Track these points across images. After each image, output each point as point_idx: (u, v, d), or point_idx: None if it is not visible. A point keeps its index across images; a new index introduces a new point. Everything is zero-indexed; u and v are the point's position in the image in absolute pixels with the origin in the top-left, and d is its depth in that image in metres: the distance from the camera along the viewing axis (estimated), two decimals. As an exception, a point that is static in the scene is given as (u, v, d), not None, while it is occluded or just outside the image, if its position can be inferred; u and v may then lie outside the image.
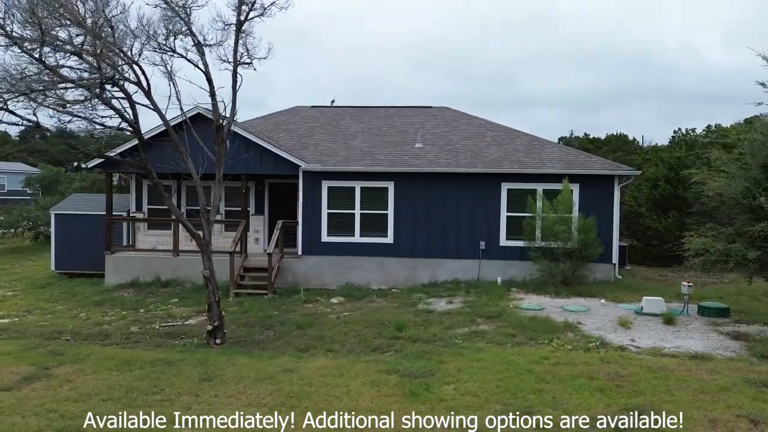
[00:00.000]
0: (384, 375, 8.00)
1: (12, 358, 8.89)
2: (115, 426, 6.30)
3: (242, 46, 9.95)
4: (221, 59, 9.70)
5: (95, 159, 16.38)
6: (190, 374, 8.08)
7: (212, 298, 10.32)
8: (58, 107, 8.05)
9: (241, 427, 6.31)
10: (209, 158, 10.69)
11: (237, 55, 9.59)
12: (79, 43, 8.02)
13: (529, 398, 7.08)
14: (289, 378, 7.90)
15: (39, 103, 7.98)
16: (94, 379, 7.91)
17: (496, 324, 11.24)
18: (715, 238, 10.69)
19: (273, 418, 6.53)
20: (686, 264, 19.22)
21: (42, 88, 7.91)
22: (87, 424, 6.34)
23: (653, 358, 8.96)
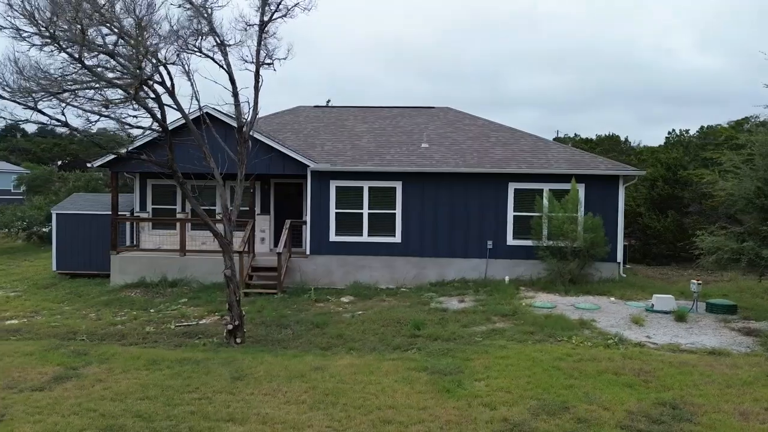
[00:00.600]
0: (414, 372, 8.10)
1: (36, 359, 8.84)
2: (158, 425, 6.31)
3: (263, 46, 9.97)
4: (244, 59, 9.73)
5: (102, 158, 16.31)
6: (221, 373, 8.11)
7: (233, 297, 10.33)
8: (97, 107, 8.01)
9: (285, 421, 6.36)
10: (223, 158, 10.71)
11: (260, 56, 9.61)
12: (112, 43, 8.00)
13: (562, 393, 7.22)
14: (321, 376, 7.96)
15: (67, 104, 7.95)
16: (125, 378, 7.90)
17: (512, 322, 11.40)
18: (727, 237, 10.93)
19: (314, 414, 6.61)
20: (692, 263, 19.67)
21: (74, 89, 7.88)
22: (129, 421, 6.35)
23: (672, 354, 9.17)
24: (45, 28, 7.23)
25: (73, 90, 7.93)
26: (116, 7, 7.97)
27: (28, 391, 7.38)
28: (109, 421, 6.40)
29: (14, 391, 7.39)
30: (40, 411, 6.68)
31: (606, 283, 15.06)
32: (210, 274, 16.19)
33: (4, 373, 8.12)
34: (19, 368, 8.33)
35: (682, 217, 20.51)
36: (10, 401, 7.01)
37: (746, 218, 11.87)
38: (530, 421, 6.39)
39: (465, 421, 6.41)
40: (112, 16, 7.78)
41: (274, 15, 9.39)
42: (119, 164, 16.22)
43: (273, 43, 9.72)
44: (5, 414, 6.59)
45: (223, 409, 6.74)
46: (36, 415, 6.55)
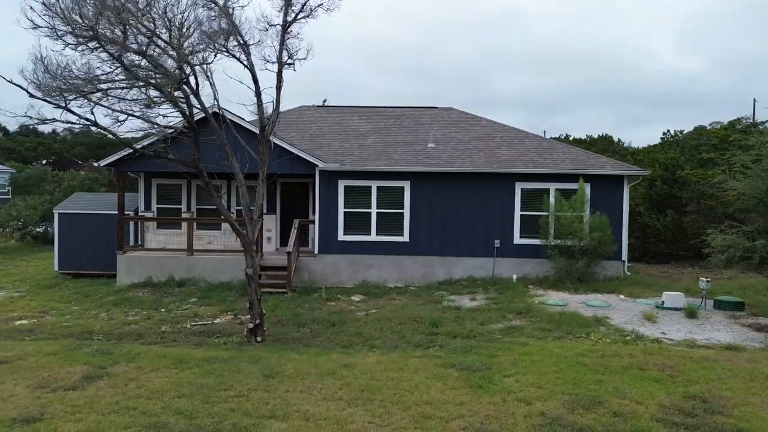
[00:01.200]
0: (442, 369, 8.21)
1: (61, 358, 8.80)
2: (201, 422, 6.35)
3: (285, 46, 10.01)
4: (266, 59, 9.75)
5: (109, 157, 16.21)
6: (251, 371, 8.15)
7: (254, 296, 10.36)
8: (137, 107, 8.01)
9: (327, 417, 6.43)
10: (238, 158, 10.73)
11: (282, 56, 9.65)
12: (144, 44, 7.99)
13: (592, 388, 7.37)
14: (351, 373, 8.03)
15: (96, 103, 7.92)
16: (156, 377, 7.91)
17: (528, 319, 11.56)
18: (738, 235, 11.18)
19: (354, 410, 6.68)
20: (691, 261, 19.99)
21: (108, 88, 7.87)
22: (171, 419, 6.38)
23: (690, 349, 9.38)
24: (90, 28, 7.21)
25: (105, 90, 7.91)
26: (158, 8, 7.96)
27: (61, 390, 7.36)
28: (151, 418, 6.42)
29: (47, 390, 7.37)
30: (78, 410, 6.68)
31: (612, 281, 15.29)
32: (217, 273, 16.19)
33: (33, 372, 8.09)
34: (46, 368, 8.30)
35: (680, 216, 20.84)
36: (45, 401, 7.00)
37: (753, 217, 12.14)
38: (567, 415, 6.53)
39: (503, 416, 6.53)
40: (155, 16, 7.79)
41: (298, 15, 9.44)
42: (126, 163, 16.14)
43: (293, 43, 9.76)
44: (44, 413, 6.58)
45: (262, 406, 6.79)
46: (75, 414, 6.55)
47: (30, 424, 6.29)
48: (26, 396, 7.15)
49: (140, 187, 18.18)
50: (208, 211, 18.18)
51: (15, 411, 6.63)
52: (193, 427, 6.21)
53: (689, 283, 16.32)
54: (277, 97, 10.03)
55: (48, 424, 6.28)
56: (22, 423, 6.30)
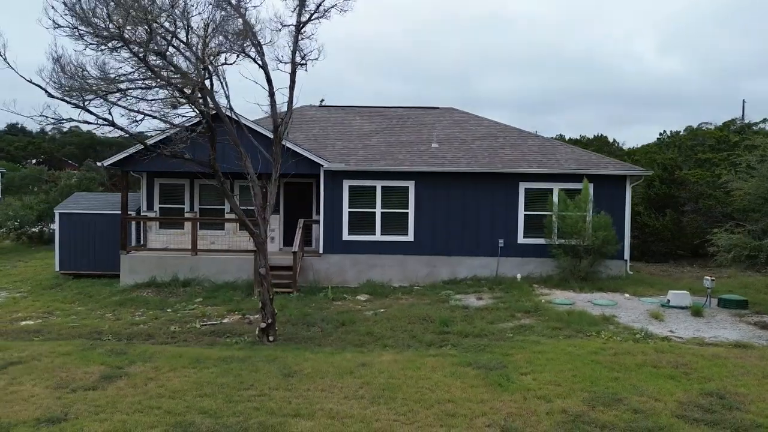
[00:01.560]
0: (459, 368, 8.27)
1: (76, 359, 8.77)
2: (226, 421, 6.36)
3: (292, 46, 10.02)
4: (279, 59, 9.77)
5: (114, 156, 16.15)
6: (269, 370, 8.17)
7: (266, 295, 10.38)
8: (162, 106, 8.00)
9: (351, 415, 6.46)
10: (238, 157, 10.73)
11: (295, 57, 9.68)
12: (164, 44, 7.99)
13: (610, 386, 7.46)
14: (370, 372, 8.07)
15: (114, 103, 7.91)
16: (175, 376, 7.91)
17: (536, 318, 11.66)
18: (745, 235, 11.34)
19: (377, 408, 6.73)
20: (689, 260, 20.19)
21: (127, 88, 7.87)
22: (197, 418, 6.39)
23: (700, 347, 9.51)
24: (118, 28, 7.21)
25: (125, 90, 7.90)
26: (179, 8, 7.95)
27: (81, 390, 7.34)
28: (177, 418, 6.43)
29: (67, 390, 7.35)
30: (101, 410, 6.67)
31: (615, 280, 15.45)
32: (222, 273, 16.18)
33: (50, 373, 8.06)
34: (62, 368, 8.27)
35: (679, 216, 21.07)
36: (67, 401, 6.98)
37: (756, 216, 12.32)
38: (589, 412, 6.61)
39: (526, 413, 6.60)
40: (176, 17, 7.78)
41: (313, 16, 9.47)
42: (130, 163, 16.09)
43: (306, 44, 9.78)
44: (68, 413, 6.57)
45: (285, 405, 6.82)
46: (99, 414, 6.54)
47: (55, 424, 6.28)
48: (47, 396, 7.13)
49: (143, 187, 18.12)
50: (211, 210, 18.15)
51: (38, 411, 6.62)
52: (219, 425, 6.22)
53: (690, 281, 16.52)
54: (290, 97, 10.06)
55: (73, 424, 6.27)
56: (47, 423, 6.29)
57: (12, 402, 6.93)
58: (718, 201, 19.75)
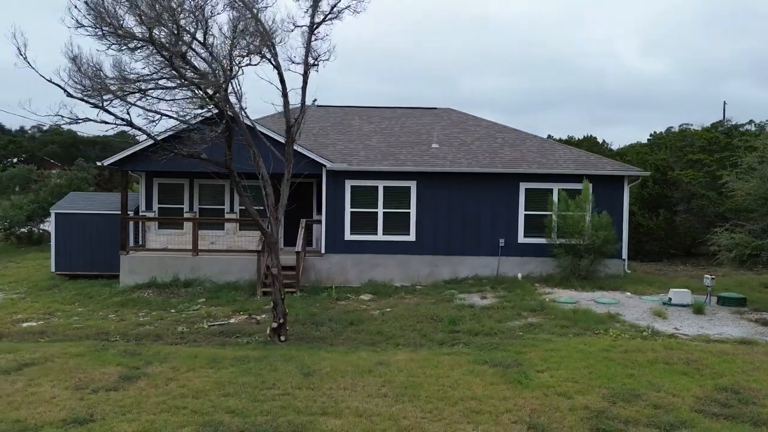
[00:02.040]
0: (476, 366, 8.37)
1: (90, 360, 8.72)
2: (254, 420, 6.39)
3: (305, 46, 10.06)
4: (291, 60, 9.79)
5: (113, 156, 16.02)
6: (288, 369, 8.19)
7: (278, 295, 10.39)
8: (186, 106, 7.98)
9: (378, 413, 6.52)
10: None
11: (308, 57, 9.71)
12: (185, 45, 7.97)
13: (627, 382, 7.62)
14: (389, 371, 8.14)
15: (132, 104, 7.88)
16: (195, 376, 7.90)
17: (543, 317, 11.82)
18: (746, 234, 11.60)
19: (403, 406, 6.80)
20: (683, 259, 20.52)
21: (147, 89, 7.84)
22: (225, 417, 6.41)
23: (706, 344, 9.72)
24: (149, 29, 7.18)
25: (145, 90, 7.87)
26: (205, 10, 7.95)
27: (102, 391, 7.31)
28: (205, 417, 6.44)
29: (88, 391, 7.31)
30: (127, 410, 6.66)
31: (614, 279, 15.68)
32: (223, 273, 16.12)
33: (67, 374, 8.00)
34: (78, 369, 8.21)
35: (672, 216, 21.43)
36: (90, 401, 6.95)
37: (754, 216, 12.60)
38: (611, 408, 6.75)
39: (549, 410, 6.72)
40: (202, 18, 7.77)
41: (328, 17, 9.50)
42: (130, 163, 15.97)
43: (318, 44, 9.82)
44: (93, 414, 6.55)
45: (311, 404, 6.86)
46: (126, 414, 6.53)
47: (83, 425, 6.25)
48: (69, 397, 7.09)
49: (141, 187, 17.98)
50: (210, 210, 18.08)
51: (63, 412, 6.58)
52: (248, 424, 6.25)
53: (685, 280, 16.83)
54: (302, 98, 10.09)
55: (102, 424, 6.25)
56: (75, 424, 6.26)
57: (34, 403, 6.88)
58: (710, 201, 20.14)
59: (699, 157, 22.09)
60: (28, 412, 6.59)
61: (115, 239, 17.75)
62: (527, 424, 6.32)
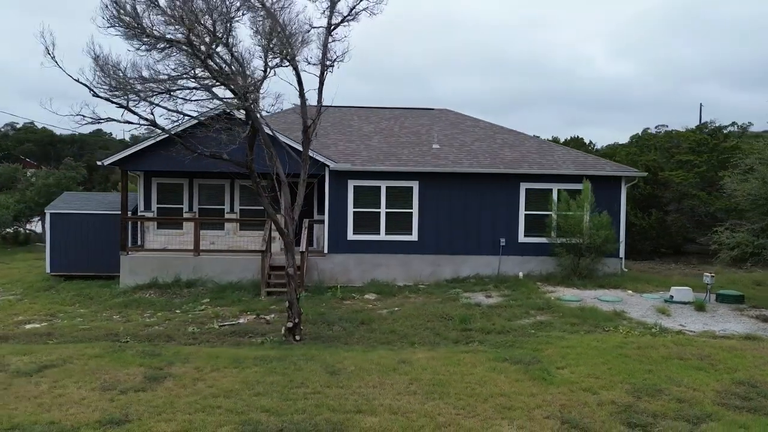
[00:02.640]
0: (497, 363, 8.50)
1: (110, 361, 8.65)
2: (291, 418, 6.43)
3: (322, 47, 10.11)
4: (307, 61, 9.83)
5: (114, 156, 15.87)
6: (312, 368, 8.24)
7: (293, 295, 10.42)
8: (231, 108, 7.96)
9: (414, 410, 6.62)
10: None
11: (325, 58, 9.76)
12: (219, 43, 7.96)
13: (647, 377, 7.83)
14: (412, 369, 8.23)
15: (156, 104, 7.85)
16: (222, 376, 7.90)
17: (551, 315, 12.02)
18: (747, 233, 11.94)
19: (435, 403, 6.90)
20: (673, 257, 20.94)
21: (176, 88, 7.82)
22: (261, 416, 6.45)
23: (714, 340, 10.01)
24: (188, 29, 7.15)
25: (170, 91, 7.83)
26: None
27: (131, 392, 7.28)
28: (241, 416, 6.46)
29: (116, 392, 7.27)
30: (161, 410, 6.64)
31: (613, 278, 16.00)
32: (226, 273, 16.06)
33: (90, 375, 7.94)
34: (100, 370, 8.16)
35: (663, 215, 21.89)
36: (121, 402, 6.92)
37: (752, 216, 12.97)
38: (637, 402, 6.94)
39: (578, 405, 6.88)
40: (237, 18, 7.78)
41: (346, 18, 9.56)
42: (130, 162, 15.82)
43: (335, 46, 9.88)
44: (128, 414, 6.53)
45: (344, 402, 6.92)
46: (161, 414, 6.52)
47: (120, 425, 6.24)
48: (98, 398, 7.04)
49: (140, 187, 17.81)
50: (210, 210, 17.99)
51: (96, 413, 6.55)
52: (287, 423, 6.29)
53: (680, 278, 17.24)
54: (319, 98, 10.14)
55: (139, 425, 6.24)
56: (111, 425, 6.24)
57: (65, 405, 6.83)
58: (701, 201, 20.62)
59: (689, 158, 22.60)
60: (60, 414, 6.54)
61: (113, 239, 17.59)
62: (560, 420, 6.47)
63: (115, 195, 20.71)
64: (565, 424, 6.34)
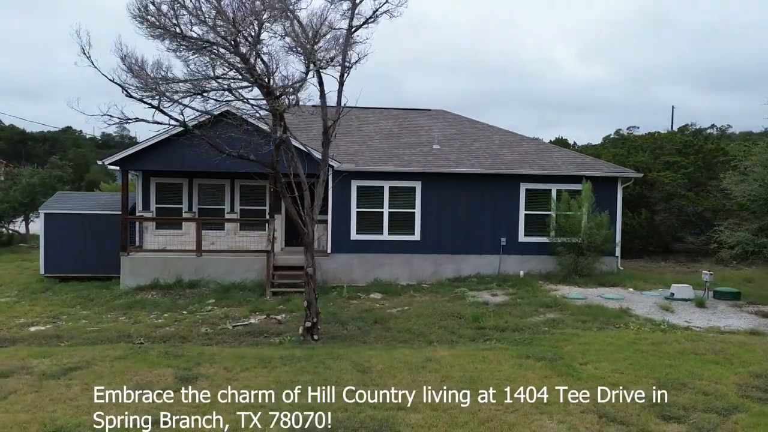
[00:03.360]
0: (521, 360, 8.69)
1: (135, 362, 8.59)
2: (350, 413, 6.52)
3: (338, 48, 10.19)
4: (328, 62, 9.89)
5: (115, 155, 15.69)
6: (342, 367, 8.31)
7: (312, 295, 10.47)
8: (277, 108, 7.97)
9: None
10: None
11: (345, 60, 9.84)
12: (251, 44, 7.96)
13: (669, 372, 8.10)
14: (440, 366, 8.36)
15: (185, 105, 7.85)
16: (252, 376, 7.92)
17: (560, 313, 12.28)
18: (749, 232, 12.39)
19: (474, 399, 7.04)
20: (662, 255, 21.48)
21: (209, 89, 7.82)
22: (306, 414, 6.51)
23: (721, 335, 10.39)
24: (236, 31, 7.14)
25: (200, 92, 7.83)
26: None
27: (167, 392, 7.24)
28: (284, 415, 6.51)
29: (152, 393, 7.20)
30: (206, 409, 6.64)
31: (610, 276, 16.39)
32: (229, 274, 15.99)
33: (119, 376, 7.89)
34: (128, 371, 8.11)
35: (652, 215, 22.47)
36: (161, 403, 6.91)
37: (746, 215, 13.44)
38: (665, 396, 7.19)
39: (611, 399, 7.10)
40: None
41: (368, 21, 9.65)
42: (131, 161, 15.64)
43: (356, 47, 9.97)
44: (171, 413, 6.52)
45: (383, 400, 7.01)
46: (210, 413, 6.52)
47: (166, 426, 6.25)
48: (136, 399, 7.00)
49: (138, 186, 17.60)
50: (210, 210, 17.88)
51: (140, 414, 6.52)
52: (334, 420, 6.37)
53: (672, 276, 17.73)
54: (338, 100, 10.23)
55: (186, 424, 6.26)
56: (158, 425, 6.25)
57: (104, 406, 6.78)
58: (689, 201, 21.23)
59: (675, 159, 23.22)
60: (102, 415, 6.51)
61: (109, 240, 17.38)
62: (596, 413, 6.68)
63: (109, 195, 20.41)
64: (603, 417, 6.56)
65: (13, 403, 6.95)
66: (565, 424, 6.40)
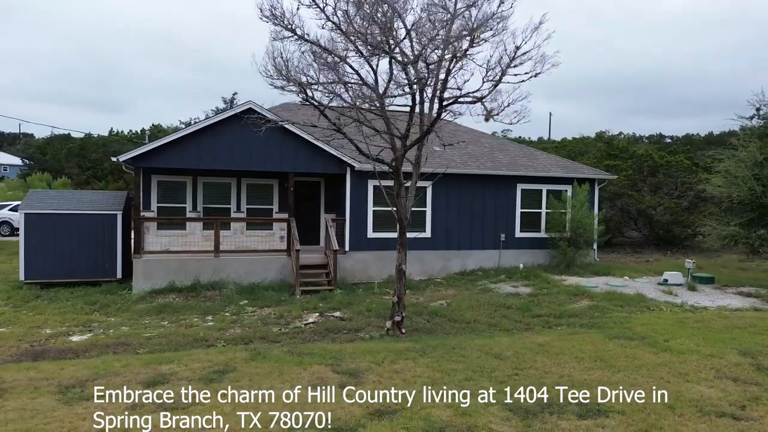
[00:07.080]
0: (613, 340, 9.86)
1: (278, 364, 8.58)
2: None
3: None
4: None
5: (130, 152, 14.85)
6: (475, 355, 8.93)
7: (402, 291, 10.98)
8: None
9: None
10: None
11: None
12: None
13: (743, 341, 9.64)
14: (558, 349, 9.29)
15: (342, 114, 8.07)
16: (408, 368, 8.18)
17: (590, 299, 13.77)
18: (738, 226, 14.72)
19: (619, 376, 8.06)
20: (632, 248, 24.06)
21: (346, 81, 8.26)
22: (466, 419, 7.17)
23: (735, 312, 12.41)
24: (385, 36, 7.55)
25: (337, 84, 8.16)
26: None
27: (351, 387, 7.50)
28: (485, 398, 7.10)
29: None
30: (410, 406, 7.06)
31: (593, 266, 18.41)
32: (248, 274, 15.76)
33: (276, 378, 7.86)
34: (277, 373, 8.10)
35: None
36: (364, 399, 7.16)
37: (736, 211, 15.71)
38: (762, 360, 8.73)
39: (726, 366, 8.46)
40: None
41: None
42: (145, 159, 14.88)
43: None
44: (391, 406, 6.87)
45: (559, 379, 7.78)
46: (415, 404, 6.95)
47: (386, 415, 6.57)
48: (337, 395, 7.20)
49: (138, 185, 16.61)
50: (215, 210, 17.37)
51: (356, 408, 6.77)
52: (502, 406, 7.10)
53: (647, 265, 20.15)
54: (433, 106, 10.79)
55: (412, 410, 6.63)
56: (382, 414, 6.56)
57: (307, 405, 6.92)
58: (634, 200, 24.17)
59: (615, 163, 26.19)
60: (313, 413, 6.57)
61: (99, 242, 16.38)
62: (728, 378, 8.03)
63: (93, 193, 18.90)
64: (736, 381, 7.91)
65: (235, 406, 6.79)
66: (714, 388, 7.65)
